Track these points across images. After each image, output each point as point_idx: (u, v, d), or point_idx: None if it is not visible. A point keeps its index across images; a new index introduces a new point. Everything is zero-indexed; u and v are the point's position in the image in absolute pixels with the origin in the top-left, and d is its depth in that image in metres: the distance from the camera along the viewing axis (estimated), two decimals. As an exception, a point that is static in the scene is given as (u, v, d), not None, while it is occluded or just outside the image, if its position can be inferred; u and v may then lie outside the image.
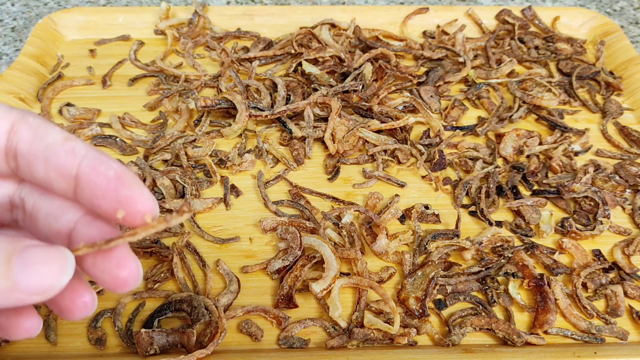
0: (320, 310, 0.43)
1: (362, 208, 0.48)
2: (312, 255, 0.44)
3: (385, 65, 0.61)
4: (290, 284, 0.42)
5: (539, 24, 0.70)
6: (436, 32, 0.68)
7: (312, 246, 0.44)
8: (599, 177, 0.53)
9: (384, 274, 0.45)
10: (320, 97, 0.55)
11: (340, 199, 0.50)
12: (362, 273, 0.44)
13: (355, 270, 0.44)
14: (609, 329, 0.42)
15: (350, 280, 0.43)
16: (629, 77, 0.63)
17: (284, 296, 0.42)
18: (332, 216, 0.47)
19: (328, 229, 0.47)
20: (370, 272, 0.45)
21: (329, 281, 0.41)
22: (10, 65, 0.60)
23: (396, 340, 0.40)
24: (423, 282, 0.43)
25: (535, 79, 0.62)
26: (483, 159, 0.54)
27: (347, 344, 0.40)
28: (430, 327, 0.42)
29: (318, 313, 0.43)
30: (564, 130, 0.57)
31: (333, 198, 0.51)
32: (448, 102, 0.60)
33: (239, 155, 0.53)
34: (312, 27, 0.66)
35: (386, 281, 0.45)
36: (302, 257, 0.44)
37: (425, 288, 0.42)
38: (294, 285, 0.42)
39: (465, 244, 0.46)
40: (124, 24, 0.68)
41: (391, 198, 0.50)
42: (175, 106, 0.58)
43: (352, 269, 0.45)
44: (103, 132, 0.55)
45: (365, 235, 0.47)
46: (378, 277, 0.44)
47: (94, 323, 0.41)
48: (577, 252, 0.47)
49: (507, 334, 0.41)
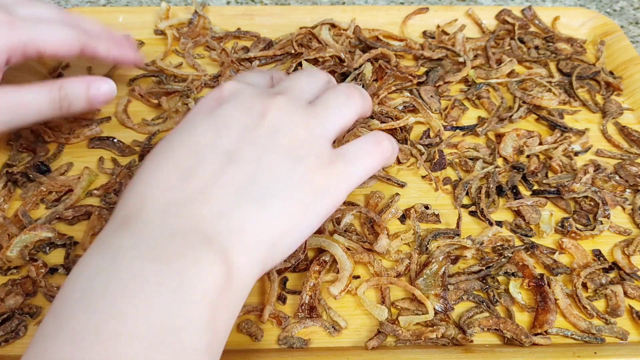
0: (322, 309, 0.43)
1: (364, 209, 0.48)
2: (323, 260, 0.44)
3: (385, 65, 0.61)
4: (310, 294, 0.42)
5: (539, 24, 0.70)
6: (436, 32, 0.68)
7: (322, 246, 0.44)
8: (599, 177, 0.53)
9: (400, 266, 0.45)
10: None
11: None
12: (380, 273, 0.44)
13: (373, 271, 0.45)
14: (609, 329, 0.42)
15: (370, 283, 0.43)
16: (629, 77, 0.63)
17: (305, 306, 0.42)
18: (334, 218, 0.47)
19: (335, 234, 0.46)
20: (387, 269, 0.45)
21: (345, 282, 0.42)
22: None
23: (425, 335, 0.40)
24: (436, 278, 0.43)
25: (535, 79, 0.62)
26: (483, 159, 0.54)
27: (386, 343, 0.41)
28: (452, 328, 0.42)
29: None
30: (564, 130, 0.57)
31: None
32: (448, 102, 0.60)
33: None
34: (312, 27, 0.66)
35: (404, 274, 0.45)
36: (315, 260, 0.44)
37: (442, 284, 0.43)
38: (315, 294, 0.42)
39: (466, 243, 0.46)
40: (124, 23, 0.68)
41: (391, 197, 0.50)
42: (174, 106, 0.58)
43: (368, 271, 0.45)
44: (101, 133, 0.55)
45: (367, 234, 0.47)
46: (395, 272, 0.44)
47: (94, 323, 0.41)
48: (577, 252, 0.47)
49: (515, 334, 0.41)
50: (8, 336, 0.40)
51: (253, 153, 0.32)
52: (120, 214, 0.31)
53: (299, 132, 0.34)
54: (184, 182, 0.31)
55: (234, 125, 0.33)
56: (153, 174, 0.32)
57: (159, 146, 0.34)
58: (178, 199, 0.30)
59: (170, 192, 0.31)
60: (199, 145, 0.33)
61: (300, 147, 0.33)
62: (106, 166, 0.52)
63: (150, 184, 0.31)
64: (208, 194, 0.30)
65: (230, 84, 0.37)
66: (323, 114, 0.36)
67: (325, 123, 0.36)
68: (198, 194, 0.30)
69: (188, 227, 0.29)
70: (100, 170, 0.52)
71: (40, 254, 0.45)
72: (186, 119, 0.36)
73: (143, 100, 0.58)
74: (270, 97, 0.35)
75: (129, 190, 0.32)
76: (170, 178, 0.31)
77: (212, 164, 0.32)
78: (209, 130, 0.33)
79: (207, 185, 0.31)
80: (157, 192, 0.31)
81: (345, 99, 0.38)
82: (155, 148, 0.35)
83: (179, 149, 0.33)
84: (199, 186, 0.31)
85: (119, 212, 0.31)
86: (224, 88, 0.36)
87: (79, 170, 0.51)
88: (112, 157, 0.53)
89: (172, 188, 0.31)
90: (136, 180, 0.33)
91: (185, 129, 0.34)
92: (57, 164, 0.52)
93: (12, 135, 0.53)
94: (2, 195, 0.48)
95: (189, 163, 0.32)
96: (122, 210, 0.31)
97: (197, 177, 0.31)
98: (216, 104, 0.35)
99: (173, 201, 0.30)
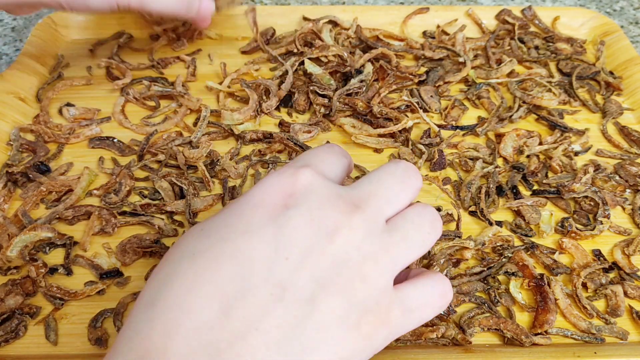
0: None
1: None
2: None
3: (386, 65, 0.61)
4: None
5: (539, 24, 0.70)
6: (436, 32, 0.68)
7: None
8: (599, 177, 0.53)
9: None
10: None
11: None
12: None
13: None
14: (609, 329, 0.42)
15: None
16: (629, 77, 0.63)
17: None
18: None
19: None
20: None
21: None
22: (10, 65, 0.60)
23: (425, 335, 0.40)
24: None
25: (535, 79, 0.62)
26: (483, 159, 0.54)
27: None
28: (452, 328, 0.41)
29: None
30: (564, 130, 0.57)
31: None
32: (448, 102, 0.60)
33: (230, 159, 0.53)
34: (315, 21, 0.66)
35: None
36: None
37: None
38: None
39: (467, 244, 0.45)
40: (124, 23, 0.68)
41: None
42: (169, 107, 0.58)
43: None
44: (101, 133, 0.55)
45: None
46: None
47: (94, 323, 0.41)
48: (577, 252, 0.47)
49: (516, 334, 0.41)
50: (8, 336, 0.40)
51: (308, 290, 0.27)
52: (139, 346, 0.25)
53: (366, 270, 0.28)
54: (223, 319, 0.25)
55: (298, 245, 0.27)
56: (189, 294, 0.26)
57: (201, 239, 0.28)
58: (211, 342, 0.25)
59: (203, 333, 0.25)
60: (253, 264, 0.27)
61: (360, 289, 0.28)
62: (106, 166, 0.52)
63: (181, 311, 0.25)
64: (246, 343, 0.25)
65: (306, 176, 0.29)
66: (399, 248, 0.30)
67: (397, 259, 0.29)
68: (235, 339, 0.25)
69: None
70: (100, 170, 0.52)
71: (40, 254, 0.45)
72: (240, 207, 0.29)
73: (138, 103, 0.58)
74: (347, 211, 0.29)
75: (157, 304, 0.26)
76: (210, 309, 0.25)
77: (261, 298, 0.26)
78: (268, 245, 0.27)
79: (248, 328, 0.25)
80: (189, 326, 0.25)
81: (429, 227, 0.31)
82: (193, 238, 0.28)
83: (227, 262, 0.27)
84: (239, 329, 0.25)
85: (138, 343, 0.25)
86: (299, 181, 0.29)
87: (79, 170, 0.51)
88: (112, 157, 0.53)
89: (208, 327, 0.25)
90: (163, 288, 0.26)
91: (238, 230, 0.28)
92: (57, 164, 0.52)
93: (12, 135, 0.53)
94: (2, 195, 0.48)
95: (235, 289, 0.26)
96: (142, 341, 0.25)
97: (239, 315, 0.25)
98: (283, 204, 0.28)
99: (205, 344, 0.25)
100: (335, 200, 0.29)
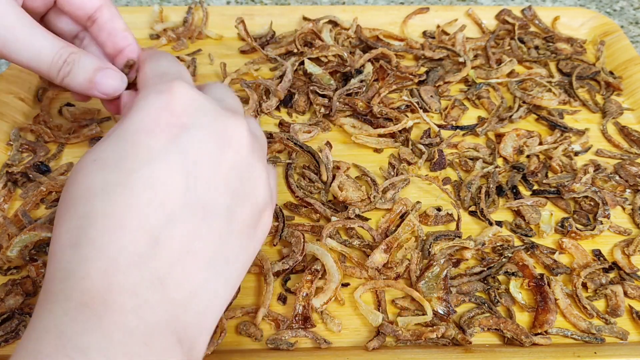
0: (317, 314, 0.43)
1: (366, 225, 0.47)
2: (315, 269, 0.43)
3: (386, 65, 0.61)
4: (303, 304, 0.42)
5: (539, 24, 0.70)
6: (436, 32, 0.68)
7: (315, 254, 0.44)
8: (599, 177, 0.53)
9: (400, 267, 0.44)
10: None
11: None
12: (375, 277, 0.44)
13: (367, 276, 0.44)
14: (609, 329, 0.42)
15: (366, 287, 0.43)
16: (629, 77, 0.63)
17: (300, 316, 0.41)
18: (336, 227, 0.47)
19: (328, 238, 0.45)
20: (385, 270, 0.44)
21: (330, 294, 0.41)
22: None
23: (425, 335, 0.40)
24: (437, 281, 0.43)
25: (535, 79, 0.62)
26: (483, 159, 0.54)
27: (387, 343, 0.41)
28: (452, 328, 0.41)
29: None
30: (564, 130, 0.57)
31: (334, 209, 0.49)
32: (448, 102, 0.60)
33: None
34: (315, 21, 0.66)
35: (404, 274, 0.44)
36: (307, 270, 0.43)
37: (444, 287, 0.42)
38: (309, 304, 0.42)
39: (468, 244, 0.45)
40: (124, 23, 0.67)
41: (412, 205, 0.50)
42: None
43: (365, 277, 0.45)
44: (101, 133, 0.55)
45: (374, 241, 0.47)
46: (395, 273, 0.44)
47: (94, 323, 0.41)
48: (577, 252, 0.47)
49: (516, 334, 0.41)
50: (8, 336, 0.40)
51: (224, 204, 0.29)
52: (77, 287, 0.24)
53: (258, 170, 0.31)
54: (156, 249, 0.26)
55: (205, 162, 0.28)
56: (117, 231, 0.25)
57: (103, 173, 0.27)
58: (150, 272, 0.26)
59: (140, 265, 0.25)
60: (168, 191, 0.27)
61: (260, 189, 0.31)
62: (106, 166, 0.52)
63: (114, 248, 0.25)
64: (180, 270, 0.26)
65: (181, 90, 0.29)
66: (264, 137, 0.35)
67: (265, 148, 0.34)
68: (169, 267, 0.26)
69: (161, 321, 0.25)
70: (100, 170, 0.52)
71: (40, 254, 0.45)
72: (131, 135, 0.28)
73: None
74: (230, 116, 0.30)
75: (84, 244, 0.25)
76: (141, 242, 0.26)
77: (185, 222, 0.27)
78: (178, 170, 0.27)
79: (180, 255, 0.27)
80: (124, 264, 0.25)
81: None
82: (91, 172, 0.27)
83: (143, 193, 0.26)
84: (172, 255, 0.26)
85: (76, 284, 0.25)
86: (177, 97, 0.29)
87: (79, 170, 0.51)
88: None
89: (143, 260, 0.25)
90: (87, 227, 0.26)
91: (142, 159, 0.27)
92: (57, 164, 0.52)
93: (12, 135, 0.53)
94: (2, 195, 0.48)
95: (158, 218, 0.26)
96: (80, 281, 0.25)
97: (169, 243, 0.26)
98: (174, 124, 0.28)
99: (143, 279, 0.25)
100: (217, 109, 0.30)
